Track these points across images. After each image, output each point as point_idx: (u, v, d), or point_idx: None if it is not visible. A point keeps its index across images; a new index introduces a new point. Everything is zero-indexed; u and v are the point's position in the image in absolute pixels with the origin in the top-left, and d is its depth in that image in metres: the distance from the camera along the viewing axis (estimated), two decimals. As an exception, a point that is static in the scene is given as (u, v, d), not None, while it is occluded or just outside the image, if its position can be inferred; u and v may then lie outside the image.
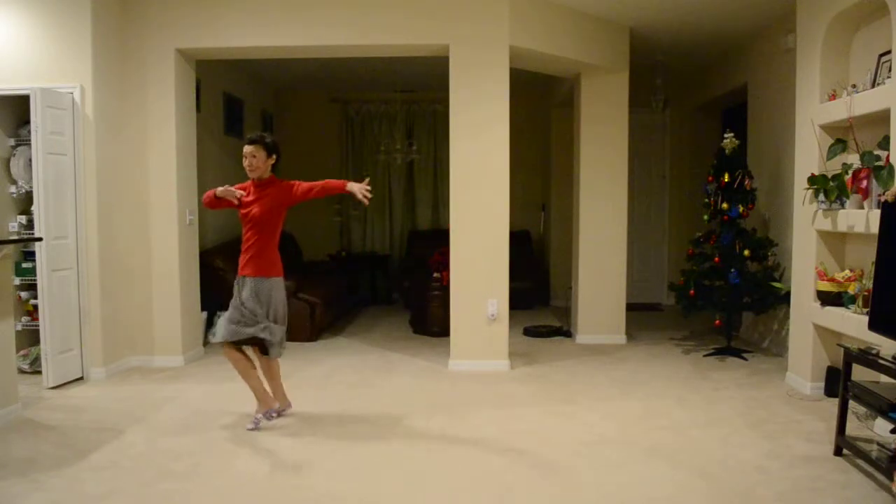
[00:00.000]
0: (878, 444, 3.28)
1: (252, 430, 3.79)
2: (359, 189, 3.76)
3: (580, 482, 3.13)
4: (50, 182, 4.59)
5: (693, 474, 3.19)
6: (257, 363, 3.97)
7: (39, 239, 4.44)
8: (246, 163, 3.82)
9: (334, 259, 8.44)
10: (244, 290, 3.78)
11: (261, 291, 3.78)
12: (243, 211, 3.84)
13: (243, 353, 3.86)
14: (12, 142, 4.97)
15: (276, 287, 3.83)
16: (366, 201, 3.78)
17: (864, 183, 3.83)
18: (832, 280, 4.19)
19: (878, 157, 3.75)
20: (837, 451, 3.40)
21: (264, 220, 3.80)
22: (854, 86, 4.02)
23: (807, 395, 4.44)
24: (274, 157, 3.90)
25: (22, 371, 4.80)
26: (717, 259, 5.47)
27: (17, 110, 4.92)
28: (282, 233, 3.97)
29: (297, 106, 8.92)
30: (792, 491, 3.00)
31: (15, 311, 4.43)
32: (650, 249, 8.37)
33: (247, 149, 3.82)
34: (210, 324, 6.14)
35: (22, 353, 4.92)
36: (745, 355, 5.53)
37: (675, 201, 8.28)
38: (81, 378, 4.88)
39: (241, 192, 3.84)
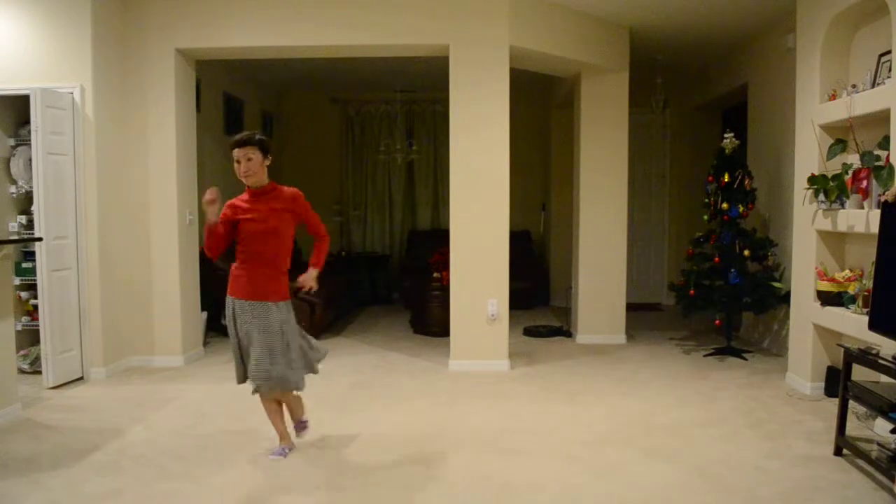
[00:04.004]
0: (878, 444, 3.28)
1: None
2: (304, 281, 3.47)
3: (580, 482, 3.13)
4: (50, 182, 4.59)
5: (693, 474, 3.19)
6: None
7: (39, 239, 4.44)
8: (241, 168, 3.23)
9: (334, 259, 8.44)
10: (250, 317, 3.27)
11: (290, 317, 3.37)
12: (249, 227, 3.26)
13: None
14: (12, 142, 4.97)
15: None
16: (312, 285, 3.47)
17: (864, 183, 3.83)
18: (832, 280, 4.19)
19: (878, 157, 3.75)
20: (837, 451, 3.40)
21: (281, 233, 3.30)
22: (854, 86, 4.02)
23: (807, 395, 4.44)
24: (269, 158, 3.35)
25: (22, 371, 4.80)
26: (717, 259, 5.47)
27: (17, 110, 4.92)
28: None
29: (297, 106, 8.92)
30: (792, 491, 3.00)
31: (15, 311, 4.43)
32: (650, 249, 8.37)
33: (238, 152, 3.22)
34: (214, 325, 6.15)
35: (22, 353, 4.92)
36: (745, 355, 5.53)
37: (675, 201, 8.28)
38: (81, 378, 4.88)
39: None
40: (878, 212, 3.42)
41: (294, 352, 3.35)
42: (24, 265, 4.93)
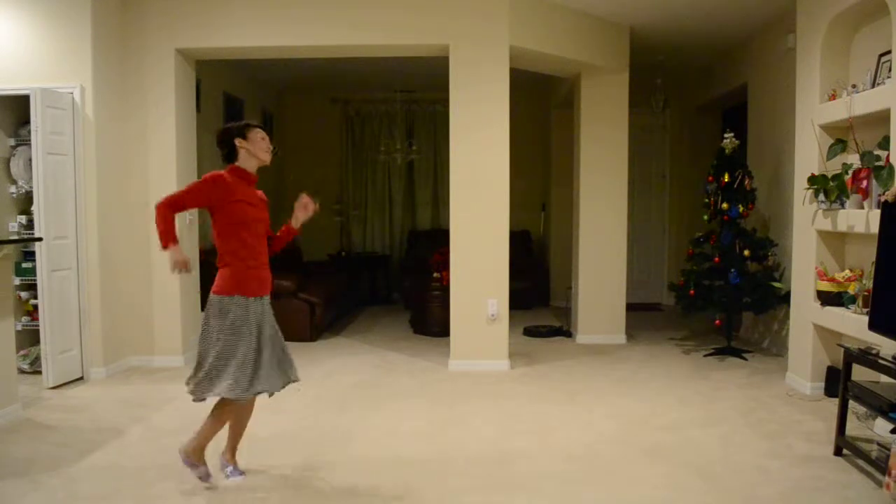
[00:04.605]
0: (878, 444, 3.28)
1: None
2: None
3: (580, 482, 3.13)
4: (50, 182, 4.59)
5: (693, 474, 3.19)
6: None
7: (39, 239, 4.43)
8: (270, 150, 3.09)
9: (334, 259, 8.45)
10: (267, 314, 3.07)
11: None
12: (251, 213, 3.01)
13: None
14: (12, 142, 4.97)
15: None
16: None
17: (864, 183, 3.83)
18: (832, 280, 4.19)
19: (878, 157, 3.74)
20: (837, 451, 3.39)
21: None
22: (854, 86, 4.02)
23: (807, 395, 4.44)
24: None
25: (22, 371, 4.80)
26: (717, 259, 5.47)
27: (17, 110, 4.92)
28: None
29: (297, 106, 8.93)
30: (792, 491, 3.00)
31: (15, 311, 4.43)
32: (650, 249, 8.37)
33: (264, 134, 3.08)
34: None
35: (22, 353, 4.92)
36: (745, 355, 5.53)
37: (675, 201, 8.28)
38: (81, 378, 4.88)
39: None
40: (878, 212, 3.42)
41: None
42: (24, 265, 4.93)
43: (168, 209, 2.93)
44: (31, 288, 4.89)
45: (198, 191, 2.98)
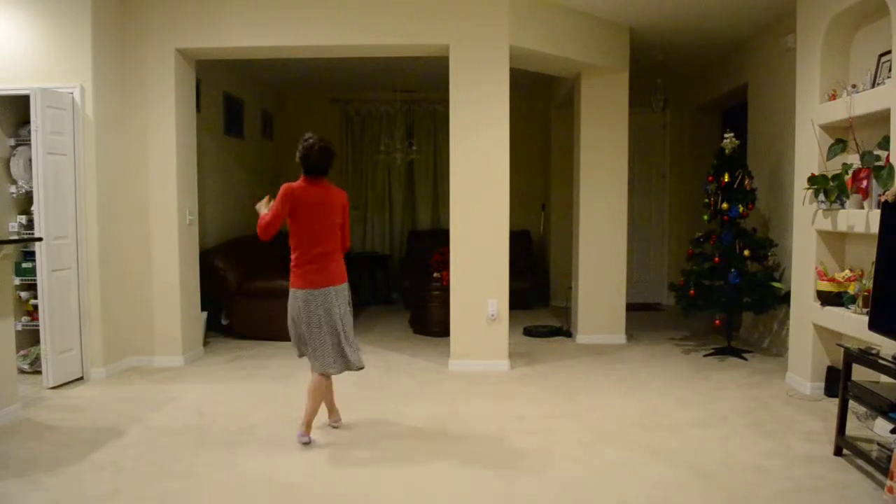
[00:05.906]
0: (878, 444, 3.29)
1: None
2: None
3: (580, 482, 3.13)
4: (50, 182, 4.59)
5: (693, 474, 3.19)
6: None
7: (39, 239, 4.44)
8: None
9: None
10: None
11: None
12: None
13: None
14: (12, 142, 4.97)
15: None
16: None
17: (864, 183, 3.83)
18: (832, 280, 4.19)
19: (878, 157, 3.75)
20: (837, 451, 3.40)
21: None
22: (854, 86, 4.02)
23: (807, 395, 4.44)
24: (297, 159, 4.02)
25: (22, 371, 4.80)
26: (717, 259, 5.47)
27: (17, 110, 4.92)
28: (283, 233, 3.84)
29: (297, 106, 8.92)
30: (792, 491, 3.00)
31: (15, 311, 4.43)
32: (650, 249, 8.37)
33: None
34: (214, 325, 6.16)
35: (22, 353, 4.92)
36: (745, 355, 5.53)
37: (675, 201, 8.28)
38: (81, 378, 4.88)
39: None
40: (878, 212, 3.42)
41: None
42: (24, 265, 4.93)
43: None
44: (31, 288, 4.90)
45: None
